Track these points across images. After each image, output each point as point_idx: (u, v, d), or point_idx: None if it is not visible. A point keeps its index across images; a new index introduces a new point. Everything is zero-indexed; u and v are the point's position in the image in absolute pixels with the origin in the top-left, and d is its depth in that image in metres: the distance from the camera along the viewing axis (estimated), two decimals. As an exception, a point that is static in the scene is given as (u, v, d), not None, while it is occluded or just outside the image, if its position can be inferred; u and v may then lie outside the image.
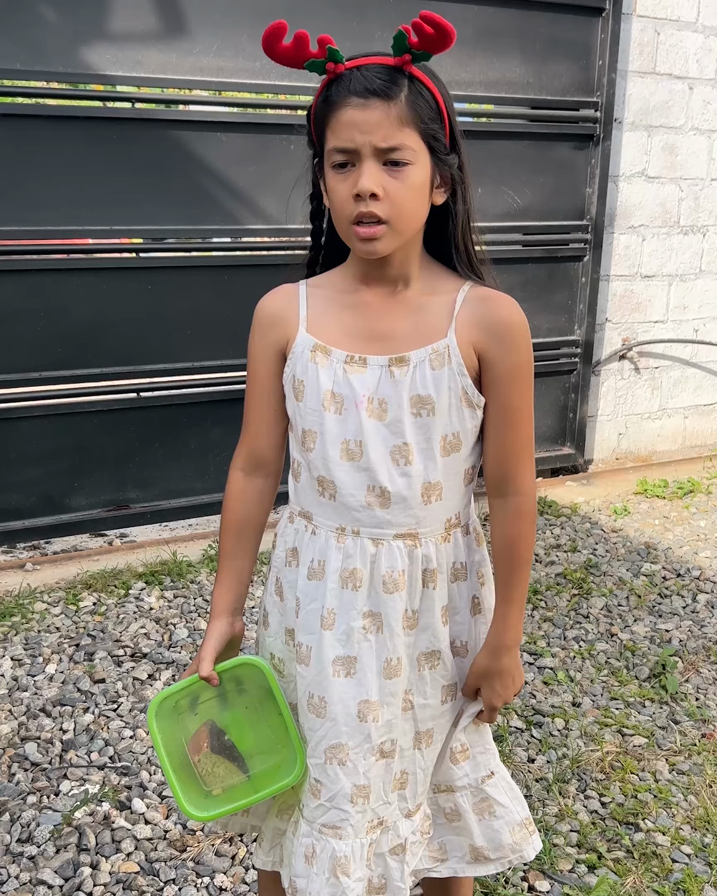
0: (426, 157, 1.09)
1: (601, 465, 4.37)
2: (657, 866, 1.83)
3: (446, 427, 1.16)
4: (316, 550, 1.22)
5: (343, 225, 1.12)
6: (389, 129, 1.05)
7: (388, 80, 1.05)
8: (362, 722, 1.20)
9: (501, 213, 3.77)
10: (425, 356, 1.15)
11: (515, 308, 1.17)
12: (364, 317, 1.18)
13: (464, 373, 1.15)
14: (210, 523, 3.51)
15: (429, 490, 1.18)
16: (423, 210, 1.13)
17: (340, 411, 1.17)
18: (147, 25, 3.06)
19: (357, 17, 3.27)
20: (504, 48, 3.64)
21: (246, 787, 1.25)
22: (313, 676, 1.22)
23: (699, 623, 2.84)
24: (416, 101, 1.06)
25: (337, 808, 1.21)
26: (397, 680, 1.22)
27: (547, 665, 2.56)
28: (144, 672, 2.44)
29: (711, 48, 4.07)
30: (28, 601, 2.83)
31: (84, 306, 3.20)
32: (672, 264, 4.29)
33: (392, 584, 1.18)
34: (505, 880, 1.77)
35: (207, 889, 1.74)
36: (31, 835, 1.86)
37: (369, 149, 1.05)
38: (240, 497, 1.30)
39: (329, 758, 1.21)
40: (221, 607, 1.29)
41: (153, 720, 1.23)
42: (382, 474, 1.16)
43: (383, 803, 1.26)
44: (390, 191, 1.07)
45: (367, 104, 1.04)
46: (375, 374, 1.16)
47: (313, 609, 1.21)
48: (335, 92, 1.07)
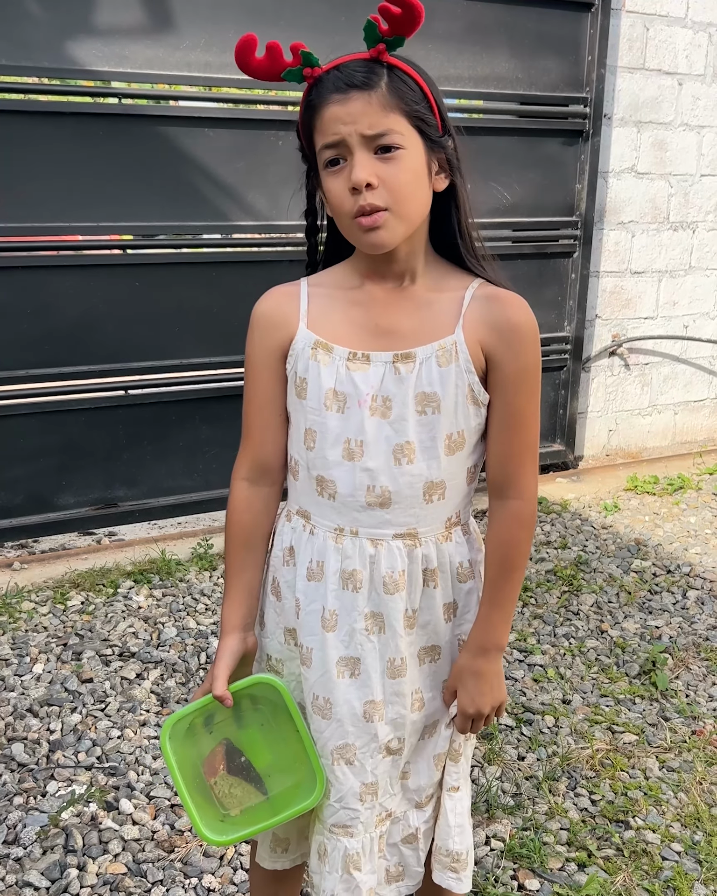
0: (418, 140, 1.07)
1: (591, 462, 4.37)
2: (647, 864, 1.83)
3: (451, 425, 1.14)
4: (314, 551, 1.20)
5: (345, 222, 1.10)
6: (373, 117, 1.03)
7: (366, 71, 1.04)
8: (368, 722, 1.19)
9: (490, 209, 3.76)
10: (431, 353, 1.13)
11: (525, 309, 1.14)
12: (369, 312, 1.16)
13: (472, 370, 1.13)
14: (199, 521, 3.50)
15: (431, 489, 1.16)
16: (424, 196, 1.11)
17: (343, 410, 1.14)
18: (134, 20, 3.03)
19: (345, 11, 3.25)
20: (493, 43, 3.62)
21: (265, 808, 1.21)
22: (317, 678, 1.20)
23: (689, 619, 2.84)
24: (398, 87, 1.05)
25: (347, 808, 1.21)
26: (401, 679, 1.20)
27: (537, 662, 2.56)
28: (132, 671, 2.43)
29: (700, 44, 4.07)
30: (15, 600, 2.81)
31: (72, 303, 3.18)
32: (662, 260, 4.29)
33: (393, 585, 1.17)
34: (495, 879, 1.77)
35: (195, 890, 1.73)
36: (18, 836, 1.84)
37: (356, 138, 1.04)
38: (246, 508, 1.25)
39: (336, 758, 1.20)
40: (231, 623, 1.24)
41: (167, 742, 1.19)
42: (383, 474, 1.14)
43: (390, 795, 1.25)
44: (385, 178, 1.05)
45: (347, 98, 1.03)
46: (379, 371, 1.13)
47: (314, 610, 1.20)
48: (316, 94, 1.06)
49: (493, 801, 1.97)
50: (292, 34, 1.09)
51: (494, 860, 1.82)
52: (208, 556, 3.14)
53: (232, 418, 3.75)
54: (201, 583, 2.97)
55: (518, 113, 3.85)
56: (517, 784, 2.05)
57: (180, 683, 2.40)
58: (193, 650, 2.55)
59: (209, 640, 2.61)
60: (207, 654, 2.53)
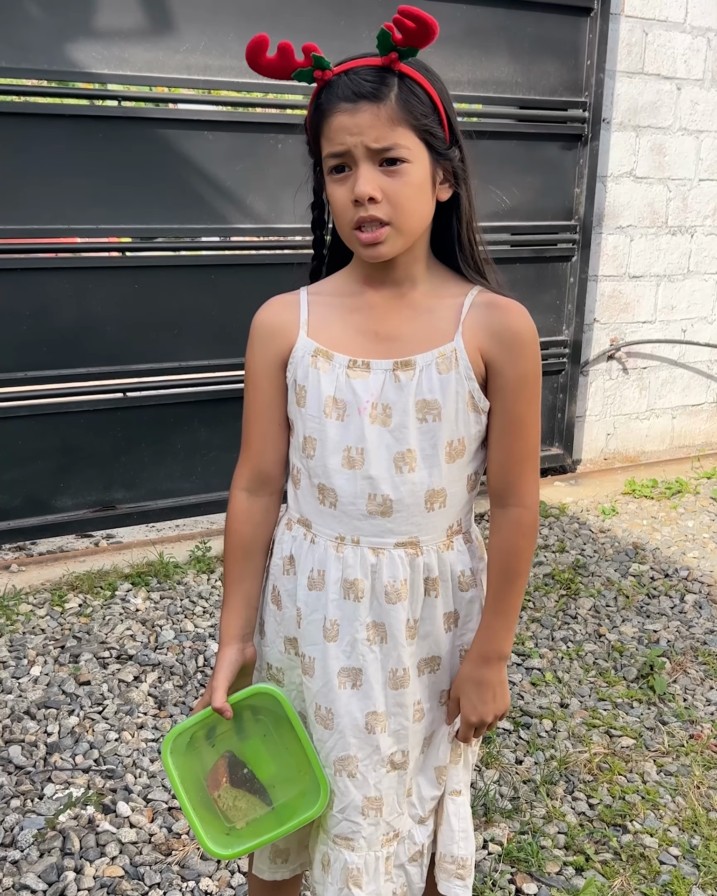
0: (424, 154, 1.07)
1: (589, 466, 4.37)
2: (644, 868, 1.83)
3: (451, 432, 1.14)
4: (315, 560, 1.19)
5: (346, 231, 1.10)
6: (381, 130, 1.03)
7: (376, 81, 1.03)
8: (370, 733, 1.19)
9: (489, 213, 3.77)
10: (431, 360, 1.12)
11: (524, 316, 1.14)
12: (369, 319, 1.16)
13: (471, 377, 1.12)
14: (197, 524, 3.50)
15: (432, 497, 1.16)
16: (427, 208, 1.11)
17: (343, 418, 1.14)
18: (134, 23, 3.04)
19: (345, 16, 3.26)
20: (493, 47, 3.63)
21: (270, 819, 1.20)
22: (319, 688, 1.20)
23: (686, 623, 2.84)
24: (407, 100, 1.04)
25: (348, 820, 1.20)
26: (403, 691, 1.19)
27: (535, 666, 2.55)
28: (129, 674, 2.42)
29: (699, 48, 4.08)
30: (13, 602, 2.80)
31: (70, 305, 3.18)
32: (660, 265, 4.30)
33: (395, 594, 1.16)
34: (493, 883, 1.76)
35: (193, 893, 1.73)
36: (15, 839, 1.84)
37: (361, 150, 1.04)
38: (246, 519, 1.24)
39: (339, 769, 1.20)
40: (230, 634, 1.23)
41: (168, 756, 1.18)
42: (384, 482, 1.14)
43: (398, 815, 1.24)
44: (388, 192, 1.05)
45: (356, 108, 1.03)
46: (379, 378, 1.13)
47: (315, 620, 1.19)
48: (325, 99, 1.06)
49: (491, 805, 1.97)
50: (292, 37, 1.08)
51: (492, 864, 1.81)
52: (206, 558, 3.14)
53: (230, 421, 3.77)
54: (199, 585, 2.96)
55: (517, 117, 3.86)
56: (515, 788, 2.04)
57: (178, 686, 2.39)
58: (191, 653, 2.55)
59: (207, 642, 2.60)
60: (205, 657, 2.52)
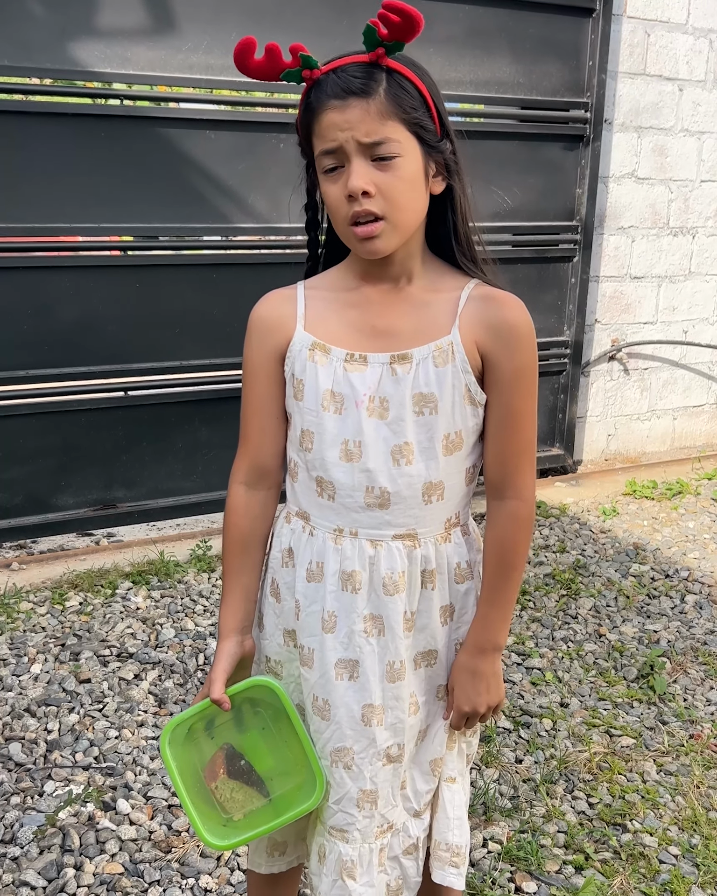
0: (415, 147, 1.07)
1: (590, 466, 4.37)
2: (644, 867, 1.83)
3: (448, 425, 1.14)
4: (314, 552, 1.20)
5: (342, 227, 1.11)
6: (371, 125, 1.03)
7: (365, 77, 1.03)
8: (366, 726, 1.19)
9: (490, 213, 3.77)
10: (427, 353, 1.13)
11: (521, 309, 1.14)
12: (366, 314, 1.16)
13: (468, 370, 1.13)
14: (198, 523, 3.50)
15: (430, 490, 1.16)
16: (421, 202, 1.11)
17: (340, 411, 1.14)
18: (136, 22, 3.04)
19: (347, 15, 3.26)
20: (494, 48, 3.63)
21: (267, 810, 1.21)
22: (317, 679, 1.20)
23: (687, 624, 2.84)
24: (396, 94, 1.04)
25: (344, 812, 1.20)
26: (400, 683, 1.20)
27: (535, 665, 2.55)
28: (130, 672, 2.43)
29: (701, 50, 4.08)
30: (14, 601, 2.81)
31: (72, 304, 3.18)
32: (662, 265, 4.30)
33: (392, 586, 1.17)
34: (492, 881, 1.76)
35: (192, 890, 1.73)
36: (15, 835, 1.84)
37: (352, 145, 1.04)
38: (244, 513, 1.25)
39: (335, 760, 1.20)
40: (229, 627, 1.24)
41: (166, 748, 1.18)
42: (382, 475, 1.14)
43: (392, 807, 1.24)
44: (382, 186, 1.05)
45: (346, 104, 1.03)
46: (376, 371, 1.14)
47: (314, 611, 1.20)
48: (315, 98, 1.06)
49: (490, 804, 1.97)
50: (294, 37, 1.09)
51: (491, 862, 1.81)
52: (207, 557, 3.14)
53: (231, 420, 3.75)
54: (200, 584, 2.97)
55: (519, 117, 3.86)
56: (515, 787, 2.04)
57: (178, 684, 2.39)
58: (191, 651, 2.55)
59: (207, 641, 2.60)
60: (205, 656, 2.53)
